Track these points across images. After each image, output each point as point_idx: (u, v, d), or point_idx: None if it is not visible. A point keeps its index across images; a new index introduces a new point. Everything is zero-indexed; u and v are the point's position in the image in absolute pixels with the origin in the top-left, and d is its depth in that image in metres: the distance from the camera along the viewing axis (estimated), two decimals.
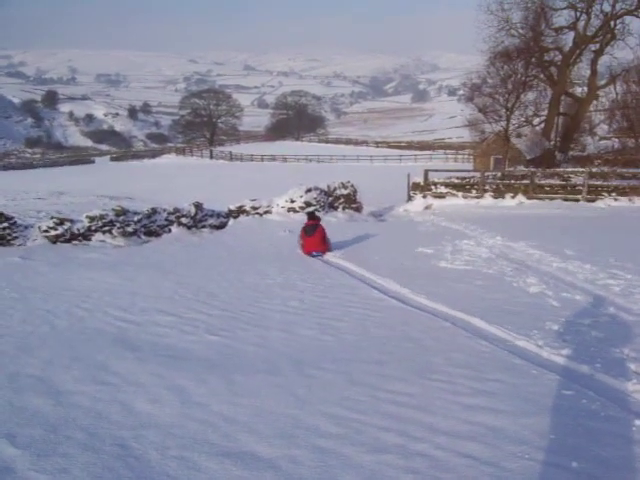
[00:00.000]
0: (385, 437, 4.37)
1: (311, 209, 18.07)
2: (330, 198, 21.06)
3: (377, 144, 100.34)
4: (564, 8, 35.85)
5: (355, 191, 21.91)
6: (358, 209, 21.78)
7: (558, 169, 28.50)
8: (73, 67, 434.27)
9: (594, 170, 25.63)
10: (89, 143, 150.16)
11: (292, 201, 19.86)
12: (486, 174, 26.38)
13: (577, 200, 22.83)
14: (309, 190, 20.21)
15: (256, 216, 19.50)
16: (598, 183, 23.42)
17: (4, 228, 14.69)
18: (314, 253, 13.33)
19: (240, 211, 19.47)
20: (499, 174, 27.46)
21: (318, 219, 14.06)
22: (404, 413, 4.76)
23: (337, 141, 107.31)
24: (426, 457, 4.07)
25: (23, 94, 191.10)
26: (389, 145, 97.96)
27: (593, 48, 36.37)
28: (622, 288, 8.99)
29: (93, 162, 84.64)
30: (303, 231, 13.60)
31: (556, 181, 24.72)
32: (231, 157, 78.19)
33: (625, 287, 9.04)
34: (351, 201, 21.70)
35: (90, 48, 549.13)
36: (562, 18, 37.00)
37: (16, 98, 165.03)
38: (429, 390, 5.22)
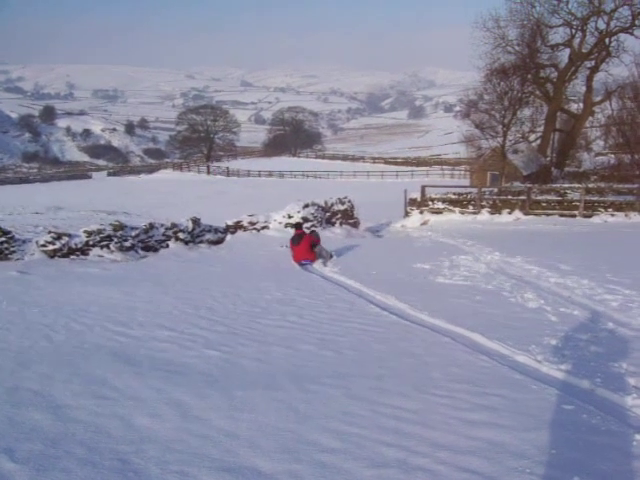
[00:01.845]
0: (386, 452, 4.36)
1: (308, 225, 18.12)
2: (327, 214, 21.11)
3: (374, 160, 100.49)
4: (559, 25, 36.23)
5: (352, 207, 21.97)
6: (355, 225, 21.82)
7: (554, 185, 28.61)
8: (71, 82, 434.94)
9: (590, 186, 25.76)
10: (86, 158, 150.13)
11: (289, 216, 19.89)
12: (483, 190, 26.48)
13: (574, 216, 22.91)
14: (306, 206, 20.26)
15: (253, 231, 19.51)
16: (594, 199, 23.52)
17: (2, 242, 14.68)
18: (303, 262, 13.99)
19: (237, 226, 19.47)
20: (496, 190, 27.56)
21: (302, 229, 14.98)
22: (405, 428, 4.75)
23: (334, 157, 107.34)
24: (427, 472, 4.06)
25: (21, 109, 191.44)
26: (386, 161, 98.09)
27: (588, 65, 36.71)
28: (620, 303, 9.01)
29: (90, 177, 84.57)
30: (291, 241, 14.48)
31: (553, 197, 24.81)
32: (228, 173, 78.28)
33: (623, 302, 9.06)
34: (348, 217, 21.74)
35: (88, 63, 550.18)
36: (558, 35, 37.42)
37: (14, 113, 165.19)
38: (429, 405, 5.22)
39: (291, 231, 18.31)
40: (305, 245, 13.98)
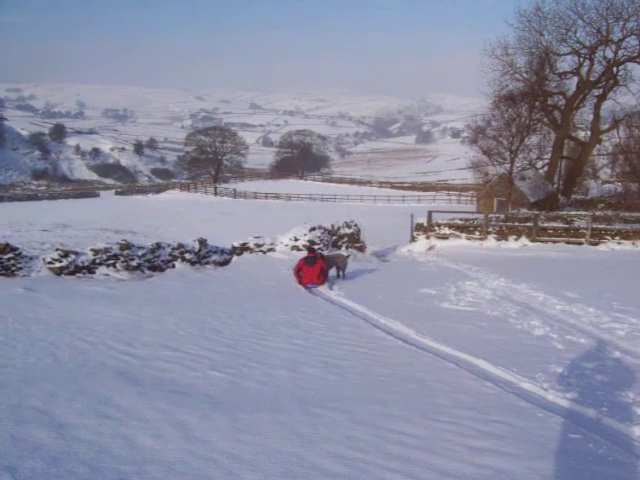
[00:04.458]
0: (391, 478, 4.32)
1: (315, 247, 18.14)
2: (334, 237, 21.12)
3: (381, 184, 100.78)
4: (568, 54, 36.40)
5: (359, 230, 21.98)
6: (361, 249, 21.80)
7: (561, 212, 28.61)
8: (81, 101, 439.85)
9: (597, 214, 25.75)
10: (94, 177, 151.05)
11: (296, 239, 19.89)
12: (489, 216, 26.48)
13: (580, 243, 22.87)
14: (313, 229, 20.27)
15: (260, 254, 19.51)
16: (601, 226, 23.50)
17: (9, 259, 14.72)
18: (309, 285, 13.91)
19: (244, 248, 19.47)
20: (502, 216, 27.57)
21: (315, 253, 14.83)
22: (409, 454, 4.72)
23: (341, 180, 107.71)
24: None
25: (32, 127, 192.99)
26: (392, 186, 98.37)
27: (596, 93, 36.82)
28: (627, 332, 8.97)
29: (98, 196, 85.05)
30: (303, 261, 14.23)
31: (559, 224, 24.80)
32: (235, 194, 78.57)
33: (630, 331, 9.02)
34: (354, 240, 21.75)
35: (99, 83, 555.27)
36: (566, 63, 37.60)
37: (25, 131, 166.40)
38: (434, 431, 5.18)
39: (297, 254, 18.35)
40: (318, 268, 13.95)
